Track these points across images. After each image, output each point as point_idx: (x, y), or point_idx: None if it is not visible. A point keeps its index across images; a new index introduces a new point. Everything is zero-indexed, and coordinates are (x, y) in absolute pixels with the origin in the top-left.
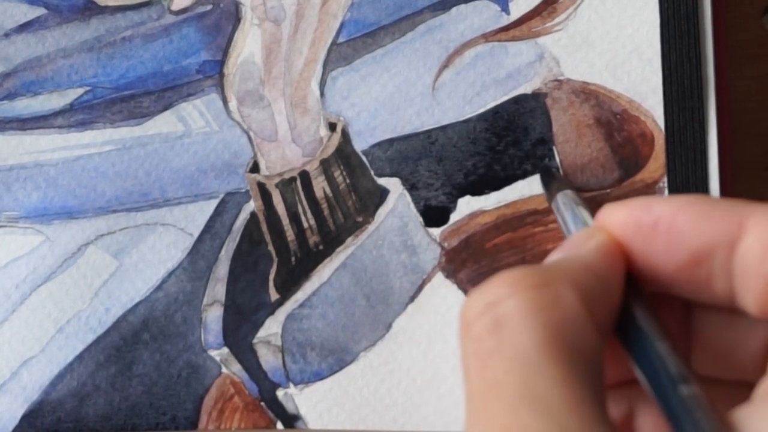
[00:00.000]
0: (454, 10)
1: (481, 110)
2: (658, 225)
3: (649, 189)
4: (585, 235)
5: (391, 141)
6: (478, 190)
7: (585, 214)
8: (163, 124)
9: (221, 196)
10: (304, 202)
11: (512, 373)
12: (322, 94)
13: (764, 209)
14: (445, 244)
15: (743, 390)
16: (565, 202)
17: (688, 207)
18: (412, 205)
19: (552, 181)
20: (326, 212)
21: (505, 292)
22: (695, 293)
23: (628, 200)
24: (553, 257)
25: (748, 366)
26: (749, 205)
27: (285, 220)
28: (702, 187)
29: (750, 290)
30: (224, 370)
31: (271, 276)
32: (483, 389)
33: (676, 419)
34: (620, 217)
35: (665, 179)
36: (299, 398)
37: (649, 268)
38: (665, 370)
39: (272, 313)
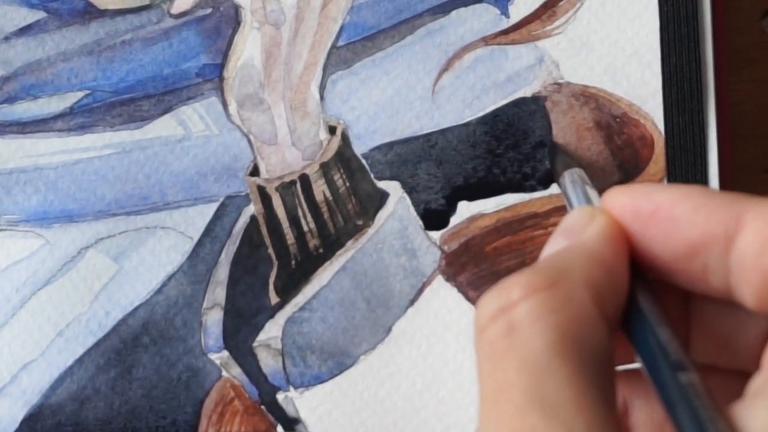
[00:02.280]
0: (453, 13)
1: (481, 113)
2: (657, 213)
3: None
4: (585, 216)
5: (390, 144)
6: (477, 193)
7: (593, 194)
8: (162, 127)
9: (221, 199)
10: (304, 206)
11: (522, 374)
12: (321, 97)
13: (762, 204)
14: (445, 248)
15: (741, 379)
16: (573, 180)
17: (688, 198)
18: (412, 209)
19: (559, 158)
20: (326, 215)
21: (517, 296)
22: (691, 284)
23: (631, 185)
24: (557, 242)
25: (745, 355)
26: (747, 199)
27: (285, 224)
28: None
29: (747, 284)
30: (224, 373)
31: (271, 279)
32: (494, 390)
33: (673, 406)
34: (620, 201)
35: (665, 182)
36: (299, 401)
37: (646, 255)
38: (665, 357)
39: (272, 316)
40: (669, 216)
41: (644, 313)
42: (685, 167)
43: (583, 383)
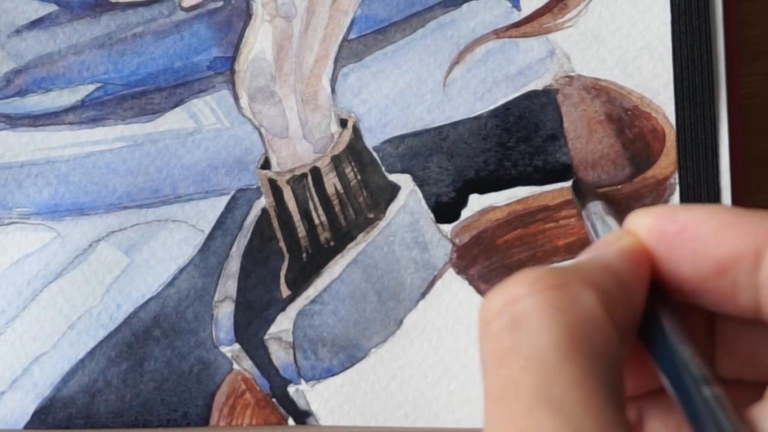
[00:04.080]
0: (464, 6)
1: (492, 106)
2: (683, 233)
3: (660, 185)
4: (612, 237)
5: (402, 137)
6: (488, 186)
7: (613, 223)
8: (174, 120)
9: (232, 192)
10: (315, 199)
11: (529, 372)
12: (333, 90)
13: None
14: (456, 241)
15: (763, 387)
16: (595, 212)
17: (714, 216)
18: (423, 202)
19: (583, 192)
20: (337, 208)
21: (523, 291)
22: (719, 304)
23: (655, 207)
24: (578, 259)
25: None
26: None
27: (296, 217)
28: (713, 183)
29: None
30: (235, 366)
31: (282, 272)
32: (500, 388)
33: (698, 420)
34: (646, 224)
35: (676, 175)
36: (310, 394)
37: (673, 276)
38: (688, 373)
39: (283, 309)
40: (695, 235)
41: (666, 333)
42: (696, 160)
43: (592, 384)
